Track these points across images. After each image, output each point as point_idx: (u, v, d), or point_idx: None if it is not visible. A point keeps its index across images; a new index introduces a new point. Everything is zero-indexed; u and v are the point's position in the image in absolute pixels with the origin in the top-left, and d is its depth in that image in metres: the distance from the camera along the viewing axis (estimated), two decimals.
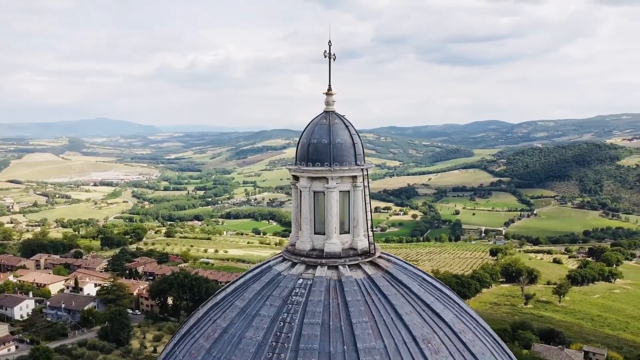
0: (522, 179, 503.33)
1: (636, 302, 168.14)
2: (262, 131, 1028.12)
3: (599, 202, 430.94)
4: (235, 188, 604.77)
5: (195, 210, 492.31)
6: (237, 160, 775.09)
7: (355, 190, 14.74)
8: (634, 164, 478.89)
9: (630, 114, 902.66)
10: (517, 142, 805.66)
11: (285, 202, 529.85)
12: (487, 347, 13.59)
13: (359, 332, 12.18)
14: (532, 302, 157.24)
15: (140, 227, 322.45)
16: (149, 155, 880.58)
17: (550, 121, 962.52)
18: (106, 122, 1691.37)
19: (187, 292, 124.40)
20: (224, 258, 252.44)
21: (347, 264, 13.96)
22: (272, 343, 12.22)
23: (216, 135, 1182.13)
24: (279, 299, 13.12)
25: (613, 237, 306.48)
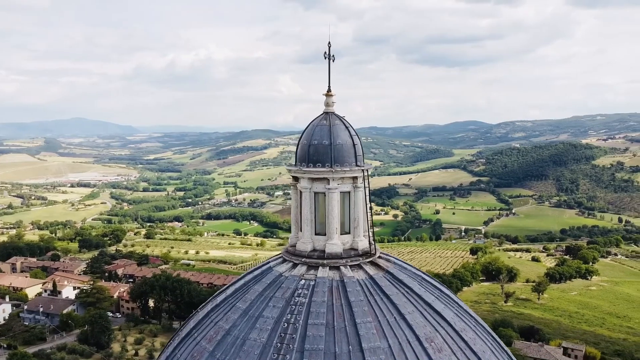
0: (500, 179, 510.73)
1: (612, 298, 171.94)
2: (243, 131, 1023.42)
3: (575, 201, 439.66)
4: (216, 189, 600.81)
5: (175, 211, 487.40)
6: (218, 160, 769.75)
7: (355, 191, 14.80)
8: (608, 163, 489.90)
9: (604, 115, 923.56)
10: (496, 142, 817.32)
11: (267, 203, 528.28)
12: (487, 345, 13.80)
13: (363, 332, 12.26)
14: (512, 300, 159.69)
15: (119, 229, 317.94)
16: (127, 156, 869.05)
17: (527, 121, 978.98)
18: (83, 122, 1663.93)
19: (168, 295, 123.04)
20: (205, 259, 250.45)
21: (348, 265, 14.02)
22: (277, 344, 12.21)
23: (196, 135, 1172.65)
24: (282, 300, 13.11)
25: (589, 235, 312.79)
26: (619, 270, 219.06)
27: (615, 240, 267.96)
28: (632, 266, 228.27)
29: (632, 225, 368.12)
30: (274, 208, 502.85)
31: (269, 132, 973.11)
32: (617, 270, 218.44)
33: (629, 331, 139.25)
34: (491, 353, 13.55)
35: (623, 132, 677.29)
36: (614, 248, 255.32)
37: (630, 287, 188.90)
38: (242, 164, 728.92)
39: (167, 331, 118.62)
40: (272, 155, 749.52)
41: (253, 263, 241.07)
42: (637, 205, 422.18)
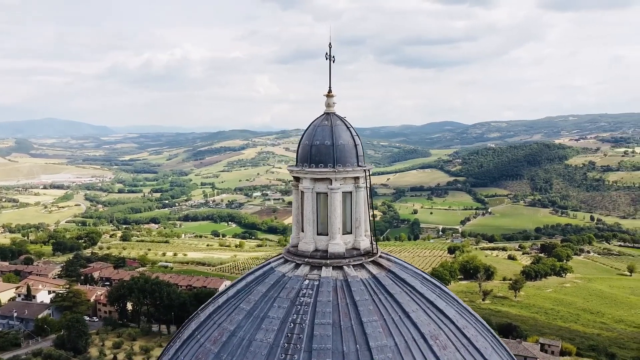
0: (476, 178, 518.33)
1: (585, 295, 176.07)
2: (220, 132, 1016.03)
3: (549, 200, 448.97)
4: (193, 190, 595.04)
5: (152, 212, 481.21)
6: (195, 161, 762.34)
7: (357, 191, 14.89)
8: (580, 163, 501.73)
9: (576, 115, 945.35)
10: (472, 142, 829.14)
11: (245, 204, 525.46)
12: (488, 342, 14.05)
13: (370, 331, 12.35)
14: (489, 298, 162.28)
15: (94, 231, 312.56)
16: (102, 157, 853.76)
17: (502, 122, 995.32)
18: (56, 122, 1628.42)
19: (147, 297, 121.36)
20: (183, 261, 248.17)
21: (351, 264, 14.10)
22: (284, 344, 12.20)
23: (172, 136, 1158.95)
24: (287, 301, 13.11)
25: (562, 234, 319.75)
26: (591, 268, 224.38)
27: (587, 238, 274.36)
28: (604, 263, 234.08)
29: (603, 224, 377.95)
30: (253, 209, 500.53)
31: (247, 133, 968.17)
32: (590, 268, 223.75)
33: (602, 327, 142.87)
34: (492, 350, 13.79)
35: (594, 132, 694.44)
36: (587, 246, 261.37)
37: (603, 283, 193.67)
38: (219, 164, 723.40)
39: (146, 334, 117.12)
40: (250, 156, 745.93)
41: (232, 264, 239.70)
42: (608, 204, 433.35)
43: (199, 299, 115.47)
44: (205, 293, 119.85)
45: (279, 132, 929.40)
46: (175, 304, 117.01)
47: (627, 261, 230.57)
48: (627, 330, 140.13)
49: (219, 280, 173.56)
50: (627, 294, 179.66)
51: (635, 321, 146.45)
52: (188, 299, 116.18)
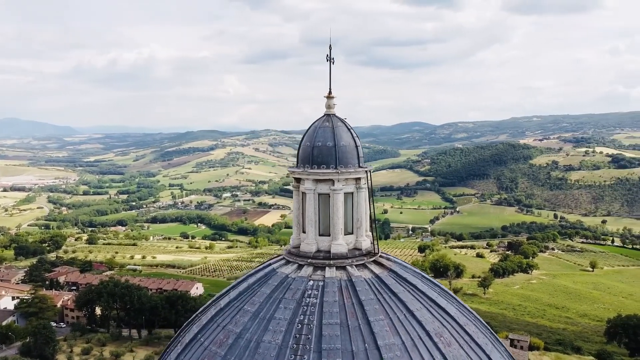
0: (445, 178, 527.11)
1: (551, 291, 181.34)
2: (188, 132, 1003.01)
3: (514, 199, 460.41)
4: (161, 191, 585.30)
5: (119, 215, 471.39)
6: (162, 162, 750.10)
7: (358, 192, 15.03)
8: (544, 163, 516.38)
9: (539, 116, 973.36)
10: (440, 142, 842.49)
11: (215, 205, 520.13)
12: (488, 339, 14.40)
13: (377, 330, 12.50)
14: (459, 295, 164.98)
15: (58, 235, 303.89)
16: (65, 158, 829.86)
17: (469, 122, 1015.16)
18: (17, 122, 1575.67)
19: (117, 302, 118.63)
20: (152, 264, 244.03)
21: (354, 264, 14.22)
22: (293, 345, 12.22)
23: (139, 136, 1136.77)
24: (293, 302, 13.13)
25: (528, 231, 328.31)
26: (556, 264, 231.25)
27: (552, 235, 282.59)
28: (568, 260, 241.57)
29: (566, 221, 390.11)
30: (222, 210, 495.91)
31: (216, 133, 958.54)
32: (555, 264, 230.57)
33: (568, 321, 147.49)
34: (492, 346, 14.16)
35: (557, 132, 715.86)
36: (551, 243, 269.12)
37: (567, 279, 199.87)
38: (188, 165, 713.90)
39: (116, 339, 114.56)
40: (219, 157, 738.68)
41: (203, 266, 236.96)
42: (570, 202, 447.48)
43: (171, 302, 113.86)
44: (177, 296, 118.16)
45: (248, 133, 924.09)
46: (146, 308, 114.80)
47: (589, 257, 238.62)
48: (590, 324, 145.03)
49: (190, 282, 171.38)
50: (589, 289, 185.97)
51: (598, 315, 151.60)
52: (160, 302, 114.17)
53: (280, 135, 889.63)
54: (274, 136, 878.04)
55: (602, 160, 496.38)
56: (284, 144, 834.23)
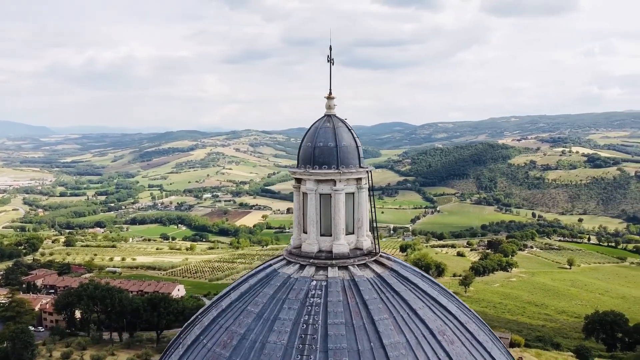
0: (425, 178, 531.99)
1: (530, 288, 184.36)
2: (168, 132, 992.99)
3: (493, 198, 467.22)
4: (140, 192, 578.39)
5: (97, 216, 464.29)
6: (142, 162, 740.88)
7: (359, 192, 15.12)
8: (522, 162, 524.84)
9: (518, 117, 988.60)
10: (420, 142, 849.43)
11: (195, 206, 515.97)
12: (488, 336, 14.62)
13: (382, 329, 12.59)
14: None
15: (35, 237, 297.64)
16: (41, 159, 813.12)
17: (449, 123, 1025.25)
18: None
19: (98, 304, 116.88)
20: (132, 266, 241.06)
21: (356, 264, 14.30)
22: (299, 345, 12.24)
23: (117, 136, 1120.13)
24: (297, 302, 13.14)
25: (507, 230, 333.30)
26: (535, 262, 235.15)
27: (530, 234, 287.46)
28: (546, 257, 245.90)
29: (544, 220, 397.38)
30: (203, 211, 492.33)
31: (196, 133, 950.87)
32: (534, 262, 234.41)
33: (547, 318, 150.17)
34: (492, 344, 14.37)
35: (535, 133, 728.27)
36: (530, 241, 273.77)
37: (546, 277, 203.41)
38: (167, 166, 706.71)
39: (96, 343, 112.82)
40: (199, 157, 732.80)
41: (184, 268, 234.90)
42: (547, 201, 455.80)
43: (153, 305, 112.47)
44: (159, 298, 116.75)
45: (229, 133, 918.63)
46: (128, 310, 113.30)
47: (567, 255, 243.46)
48: (569, 320, 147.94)
49: (171, 284, 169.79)
50: (567, 286, 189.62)
51: (576, 312, 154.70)
52: (141, 304, 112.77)
53: (261, 136, 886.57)
54: (255, 136, 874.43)
55: (578, 160, 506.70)
56: (265, 144, 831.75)
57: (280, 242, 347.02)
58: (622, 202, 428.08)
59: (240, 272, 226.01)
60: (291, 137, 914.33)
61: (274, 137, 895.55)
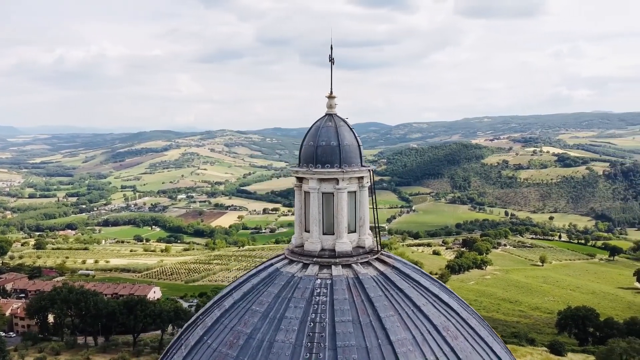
0: (401, 178, 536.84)
1: (504, 285, 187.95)
2: (141, 132, 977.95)
3: (467, 197, 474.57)
4: (113, 193, 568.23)
5: (68, 218, 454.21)
6: (114, 163, 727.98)
7: (361, 191, 15.23)
8: (495, 162, 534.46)
9: (490, 117, 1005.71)
10: (395, 142, 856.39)
11: (169, 207, 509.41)
12: (487, 332, 14.92)
13: (388, 326, 12.71)
14: None
15: (3, 240, 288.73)
16: (9, 160, 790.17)
17: (423, 123, 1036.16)
18: None
19: (72, 308, 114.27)
20: (105, 268, 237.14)
21: (359, 262, 14.40)
22: (308, 344, 12.26)
23: (89, 137, 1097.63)
24: (303, 301, 13.17)
25: (481, 229, 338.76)
26: (508, 260, 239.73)
27: (504, 232, 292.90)
28: (519, 255, 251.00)
29: (516, 218, 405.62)
30: (178, 212, 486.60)
31: (169, 133, 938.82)
32: (507, 260, 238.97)
33: (521, 314, 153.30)
34: (492, 339, 14.68)
35: (507, 133, 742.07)
36: (503, 239, 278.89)
37: (519, 274, 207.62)
38: (141, 166, 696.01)
39: (71, 348, 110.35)
40: (173, 157, 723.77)
41: (160, 270, 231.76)
42: (520, 200, 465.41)
43: (129, 308, 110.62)
44: (135, 301, 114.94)
45: (203, 133, 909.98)
46: (103, 314, 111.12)
47: (539, 252, 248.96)
48: (542, 316, 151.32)
49: (147, 287, 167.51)
50: (540, 283, 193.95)
51: (548, 308, 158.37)
52: (117, 307, 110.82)
53: (237, 136, 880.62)
54: (230, 136, 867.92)
55: (549, 159, 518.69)
56: (240, 145, 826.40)
57: (257, 242, 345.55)
58: (591, 201, 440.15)
59: (217, 273, 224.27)
60: (266, 137, 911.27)
61: (249, 137, 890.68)
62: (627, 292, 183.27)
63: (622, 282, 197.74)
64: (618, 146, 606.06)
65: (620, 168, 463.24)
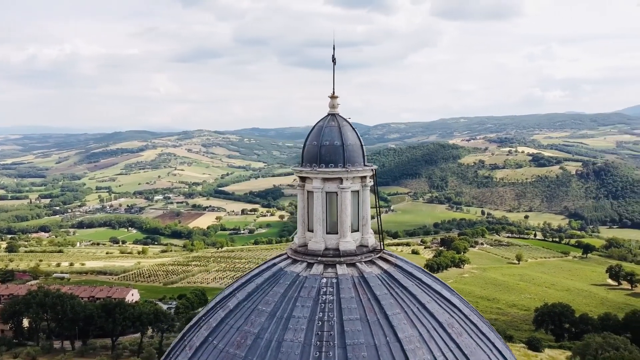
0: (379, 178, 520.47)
1: (482, 284, 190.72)
2: (116, 132, 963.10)
3: (445, 197, 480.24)
4: (88, 194, 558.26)
5: (41, 220, 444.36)
6: (88, 164, 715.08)
7: (364, 190, 15.34)
8: (471, 162, 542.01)
9: (466, 118, 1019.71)
10: (374, 142, 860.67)
11: (146, 208, 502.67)
12: (488, 328, 15.18)
13: (395, 323, 12.84)
14: None
15: None
16: None
17: (401, 123, 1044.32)
18: None
19: (48, 312, 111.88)
20: (81, 271, 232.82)
21: (363, 261, 14.51)
22: (317, 343, 12.31)
23: (62, 137, 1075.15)
24: (309, 300, 13.20)
25: (458, 228, 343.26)
26: (485, 258, 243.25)
27: (481, 231, 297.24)
28: (496, 253, 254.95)
29: (493, 217, 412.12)
30: (154, 213, 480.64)
31: (146, 134, 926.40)
32: (484, 258, 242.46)
33: (499, 312, 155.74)
34: (494, 335, 14.95)
35: (483, 133, 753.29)
36: (480, 238, 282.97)
37: (496, 272, 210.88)
38: (116, 167, 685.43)
39: (47, 352, 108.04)
40: (149, 158, 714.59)
41: (137, 272, 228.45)
42: (496, 199, 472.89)
43: (108, 311, 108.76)
44: (114, 304, 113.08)
45: (180, 133, 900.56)
46: (81, 318, 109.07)
47: (515, 251, 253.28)
48: (519, 313, 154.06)
49: (125, 289, 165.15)
50: (517, 281, 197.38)
51: (525, 305, 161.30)
52: (96, 311, 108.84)
53: (214, 136, 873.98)
54: (207, 137, 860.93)
55: (524, 159, 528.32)
56: (217, 145, 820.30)
57: (236, 243, 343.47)
58: (565, 199, 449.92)
59: (196, 274, 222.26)
60: (244, 138, 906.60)
61: (227, 137, 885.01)
62: (600, 289, 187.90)
63: (595, 279, 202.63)
64: (590, 146, 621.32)
65: (592, 168, 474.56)
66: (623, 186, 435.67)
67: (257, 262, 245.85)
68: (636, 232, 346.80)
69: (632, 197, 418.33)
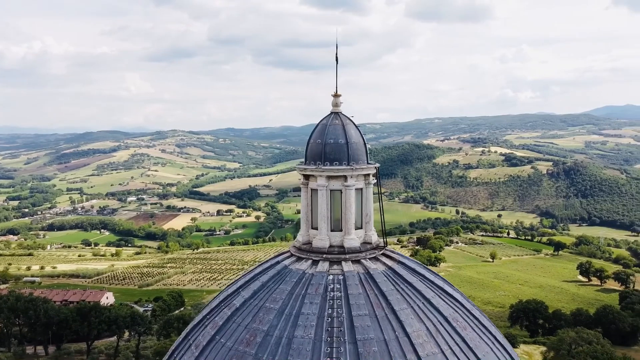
0: None
1: (458, 282, 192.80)
2: (88, 133, 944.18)
3: (420, 196, 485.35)
4: (58, 196, 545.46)
5: (9, 223, 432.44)
6: (59, 165, 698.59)
7: (367, 188, 15.48)
8: (446, 162, 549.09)
9: (441, 118, 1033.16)
10: None
11: (119, 209, 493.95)
12: (489, 322, 15.50)
13: (403, 318, 13.02)
14: None
15: None
16: None
17: (377, 124, 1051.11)
18: None
19: (20, 317, 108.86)
20: (52, 275, 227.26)
21: (367, 257, 14.64)
22: (327, 339, 12.39)
23: (31, 137, 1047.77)
24: (317, 297, 13.28)
25: (433, 227, 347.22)
26: (460, 257, 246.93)
27: (456, 229, 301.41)
28: (470, 252, 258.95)
29: (467, 216, 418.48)
30: (128, 215, 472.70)
31: (118, 134, 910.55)
32: (460, 257, 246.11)
33: None
34: (495, 328, 15.31)
35: (456, 133, 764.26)
36: (455, 237, 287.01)
37: (471, 270, 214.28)
38: (87, 168, 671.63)
39: (19, 358, 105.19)
40: (122, 158, 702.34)
41: (111, 275, 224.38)
42: (470, 198, 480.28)
43: (83, 314, 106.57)
44: (89, 307, 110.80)
45: (154, 133, 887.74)
46: (55, 322, 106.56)
47: (489, 249, 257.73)
48: (494, 310, 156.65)
49: (99, 292, 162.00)
50: (491, 278, 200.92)
51: (500, 302, 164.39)
52: (70, 314, 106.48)
53: (188, 136, 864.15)
54: (182, 137, 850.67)
55: (497, 159, 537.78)
56: (192, 145, 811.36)
57: (212, 244, 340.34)
58: (536, 198, 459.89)
59: (171, 276, 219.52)
60: (219, 138, 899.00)
61: (202, 137, 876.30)
62: (571, 285, 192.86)
63: (566, 276, 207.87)
64: (560, 146, 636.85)
65: (563, 167, 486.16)
66: (592, 185, 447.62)
67: (233, 263, 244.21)
68: (604, 229, 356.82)
69: (600, 196, 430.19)
